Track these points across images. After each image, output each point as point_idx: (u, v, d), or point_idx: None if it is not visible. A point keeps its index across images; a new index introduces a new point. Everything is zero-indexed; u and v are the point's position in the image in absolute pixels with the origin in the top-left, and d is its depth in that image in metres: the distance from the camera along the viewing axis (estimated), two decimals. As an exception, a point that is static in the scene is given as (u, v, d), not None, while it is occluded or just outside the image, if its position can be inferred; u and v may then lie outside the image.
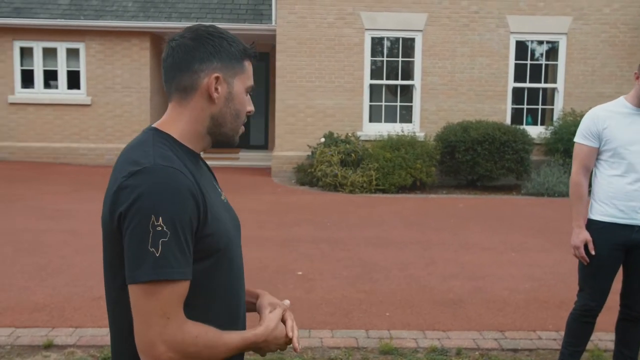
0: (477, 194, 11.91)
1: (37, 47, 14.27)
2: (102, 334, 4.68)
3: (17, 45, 14.27)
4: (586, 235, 3.73)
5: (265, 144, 16.41)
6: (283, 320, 1.70)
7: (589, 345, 4.61)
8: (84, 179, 12.31)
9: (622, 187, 3.67)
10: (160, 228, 1.41)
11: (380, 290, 5.88)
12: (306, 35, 12.84)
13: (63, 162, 14.27)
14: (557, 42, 13.26)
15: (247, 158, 15.21)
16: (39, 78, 14.36)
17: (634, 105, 3.68)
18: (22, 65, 14.35)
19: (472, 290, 5.93)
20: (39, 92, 14.38)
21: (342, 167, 11.73)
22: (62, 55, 14.29)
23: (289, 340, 1.67)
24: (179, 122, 1.61)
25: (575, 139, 3.87)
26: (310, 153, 12.56)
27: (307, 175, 12.17)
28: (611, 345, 4.31)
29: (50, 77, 14.42)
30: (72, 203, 9.83)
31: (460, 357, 4.45)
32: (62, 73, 14.34)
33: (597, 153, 3.78)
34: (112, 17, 13.99)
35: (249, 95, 1.70)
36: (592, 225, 3.76)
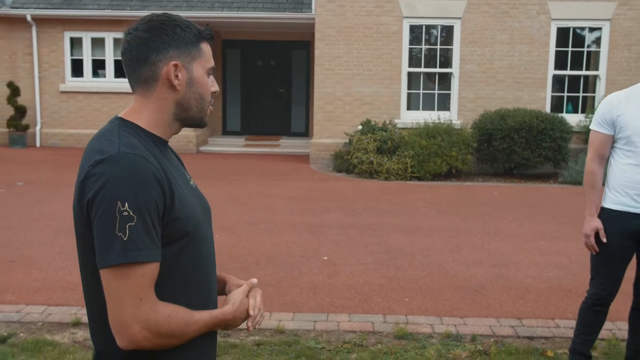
0: (513, 182, 11.71)
1: (86, 37, 14.61)
2: (128, 313, 4.81)
3: (68, 35, 14.64)
4: (597, 223, 3.66)
5: (306, 131, 16.45)
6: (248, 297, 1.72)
7: (607, 335, 4.54)
8: (128, 164, 12.56)
9: (636, 175, 3.57)
10: (126, 213, 1.43)
11: (403, 276, 5.87)
12: (344, 23, 12.79)
13: (110, 148, 14.60)
14: (601, 28, 12.86)
15: (288, 145, 15.29)
16: (87, 67, 14.72)
17: (649, 91, 3.58)
18: (72, 55, 14.73)
19: (495, 277, 5.86)
20: (87, 80, 14.75)
21: (378, 155, 11.68)
22: (109, 45, 14.60)
23: (248, 316, 1.69)
24: (145, 112, 1.63)
25: (591, 126, 3.79)
26: (347, 140, 12.55)
27: (344, 162, 12.17)
28: (627, 335, 4.22)
29: (98, 66, 14.76)
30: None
31: (474, 344, 4.41)
32: (109, 62, 14.67)
33: (612, 141, 3.69)
34: (157, 7, 14.20)
35: (211, 76, 1.71)
36: (604, 214, 3.69)
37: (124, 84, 14.56)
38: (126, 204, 1.43)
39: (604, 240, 3.64)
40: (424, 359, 4.14)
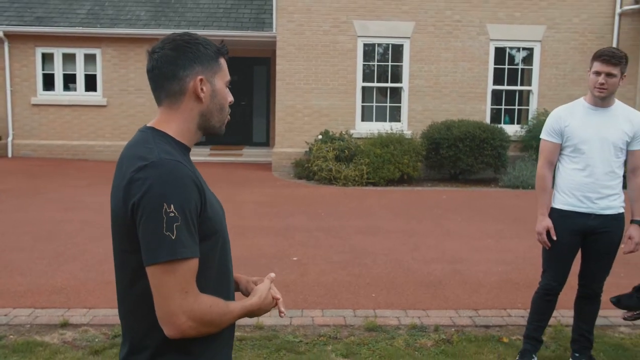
0: (458, 186, 11.95)
1: (58, 52, 14.28)
2: (113, 314, 4.71)
3: (39, 51, 14.28)
4: (548, 223, 3.79)
5: (267, 141, 16.43)
6: None
7: (553, 321, 4.68)
8: (99, 174, 12.34)
9: (581, 179, 3.72)
10: (172, 214, 1.46)
11: (368, 273, 5.94)
12: (304, 41, 12.86)
13: (81, 158, 14.31)
14: (532, 48, 13.28)
15: (250, 154, 15.24)
16: (59, 81, 14.38)
17: (591, 104, 3.74)
18: (43, 69, 14.38)
19: (451, 273, 5.99)
20: (59, 94, 14.40)
21: (336, 162, 11.77)
22: (80, 60, 14.31)
23: (275, 304, 1.76)
24: (173, 123, 1.66)
25: (541, 136, 3.93)
26: (307, 149, 12.59)
27: (305, 169, 12.20)
28: (571, 321, 4.36)
29: (69, 81, 14.45)
30: (88, 196, 9.87)
31: (438, 333, 4.50)
32: (80, 76, 14.36)
33: (560, 149, 3.84)
34: (126, 25, 14.00)
35: (227, 88, 1.74)
36: (554, 213, 3.82)
37: (94, 97, 14.32)
38: (172, 205, 1.46)
39: (554, 237, 3.78)
40: (394, 348, 4.21)
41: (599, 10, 13.13)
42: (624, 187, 3.77)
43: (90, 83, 14.34)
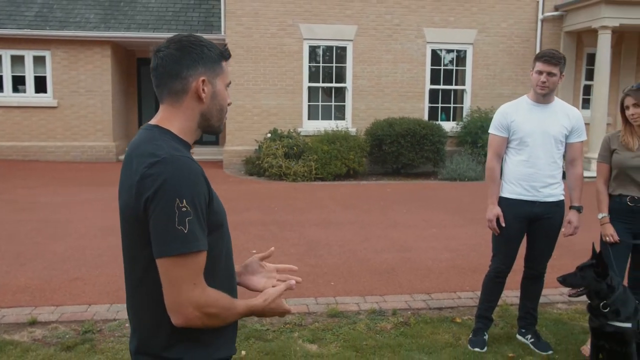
0: (401, 179, 12.15)
1: (6, 54, 13.63)
2: (81, 311, 4.59)
3: (-14, 53, 13.61)
4: (498, 211, 3.91)
5: (217, 140, 16.21)
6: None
7: (500, 301, 4.83)
8: (52, 174, 11.90)
9: (526, 170, 3.85)
10: (185, 209, 1.44)
11: (325, 263, 5.97)
12: (252, 44, 12.76)
13: (32, 159, 13.73)
14: (465, 50, 13.62)
15: (201, 152, 14.98)
16: (7, 83, 13.73)
17: (533, 100, 3.88)
18: (-9, 71, 13.70)
19: (402, 260, 6.09)
20: (7, 95, 13.74)
21: (285, 159, 11.75)
22: (29, 62, 13.70)
23: (286, 312, 1.71)
24: (175, 120, 1.63)
25: (489, 131, 4.04)
26: (257, 147, 12.52)
27: (255, 166, 12.13)
28: (516, 301, 4.54)
29: (18, 82, 13.82)
30: (44, 196, 9.51)
31: (396, 317, 4.57)
32: (29, 78, 13.75)
33: (506, 142, 3.96)
34: (76, 27, 13.51)
35: (227, 90, 1.72)
36: (503, 202, 3.94)
37: (44, 99, 13.76)
38: (184, 200, 1.44)
39: (503, 224, 3.90)
40: (357, 332, 4.25)
41: (524, 16, 13.60)
42: (563, 177, 3.94)
43: (40, 85, 13.77)
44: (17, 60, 13.70)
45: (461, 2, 13.34)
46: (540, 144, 3.81)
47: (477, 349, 3.97)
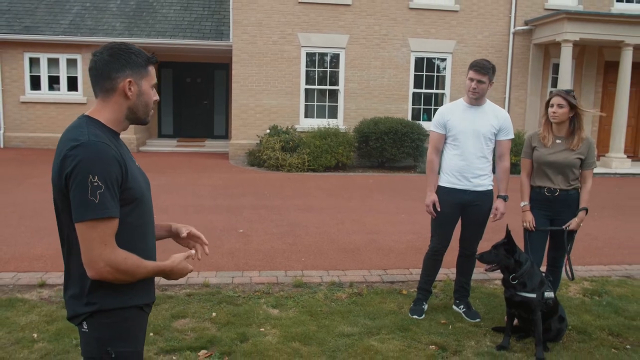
0: (384, 172, 12.22)
1: (43, 57, 13.82)
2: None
3: (27, 56, 13.80)
4: (434, 197, 4.01)
5: (226, 134, 16.36)
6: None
7: (443, 277, 4.95)
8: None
9: (459, 162, 3.95)
10: (96, 184, 1.58)
11: (300, 242, 6.08)
12: (256, 50, 12.84)
13: (65, 148, 13.92)
14: (445, 59, 13.63)
15: (212, 145, 15.16)
16: (44, 82, 13.93)
17: (467, 103, 3.96)
18: (30, 72, 13.89)
19: (368, 241, 6.19)
20: (44, 93, 13.96)
21: (282, 152, 11.86)
22: (63, 64, 13.89)
23: (189, 271, 1.88)
24: (105, 112, 1.76)
25: (430, 128, 4.13)
26: (258, 141, 12.64)
27: (256, 158, 12.24)
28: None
29: (53, 82, 14.02)
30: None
31: (352, 288, 4.69)
32: (63, 78, 13.94)
33: (444, 138, 4.05)
34: (104, 34, 13.65)
35: (154, 90, 1.85)
36: (440, 190, 4.04)
37: (75, 96, 13.94)
38: (96, 177, 1.58)
39: (439, 209, 4.00)
40: (315, 300, 4.38)
41: (498, 29, 13.57)
42: (493, 170, 4.02)
43: (72, 84, 13.95)
44: (53, 63, 13.89)
45: (442, 15, 13.34)
46: (471, 141, 3.90)
47: (415, 316, 4.08)
